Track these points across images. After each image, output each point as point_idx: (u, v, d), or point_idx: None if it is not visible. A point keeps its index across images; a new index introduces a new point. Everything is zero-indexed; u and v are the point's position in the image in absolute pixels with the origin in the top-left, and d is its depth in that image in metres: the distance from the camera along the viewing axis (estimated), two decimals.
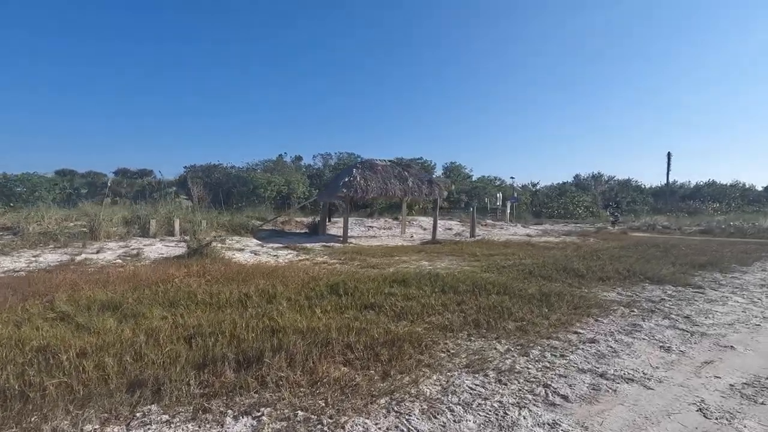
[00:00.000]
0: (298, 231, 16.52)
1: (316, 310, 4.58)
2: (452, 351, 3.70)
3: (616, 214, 25.38)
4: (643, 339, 4.21)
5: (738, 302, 6.01)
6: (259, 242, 12.38)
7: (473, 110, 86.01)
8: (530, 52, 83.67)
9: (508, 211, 27.45)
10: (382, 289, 5.77)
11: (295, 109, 79.80)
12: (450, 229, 19.36)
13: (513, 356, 3.62)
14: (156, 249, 9.55)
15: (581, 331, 4.39)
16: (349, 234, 16.54)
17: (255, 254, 9.95)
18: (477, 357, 3.57)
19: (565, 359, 3.58)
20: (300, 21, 76.03)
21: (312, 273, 7.11)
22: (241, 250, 10.40)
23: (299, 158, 49.48)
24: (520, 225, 25.64)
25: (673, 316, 5.11)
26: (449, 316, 4.75)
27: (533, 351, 3.75)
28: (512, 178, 38.77)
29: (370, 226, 19.32)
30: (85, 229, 10.12)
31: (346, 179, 13.64)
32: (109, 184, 17.57)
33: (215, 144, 73.57)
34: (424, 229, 19.21)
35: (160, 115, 72.32)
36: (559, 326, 4.51)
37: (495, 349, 3.80)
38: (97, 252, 8.92)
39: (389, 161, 15.05)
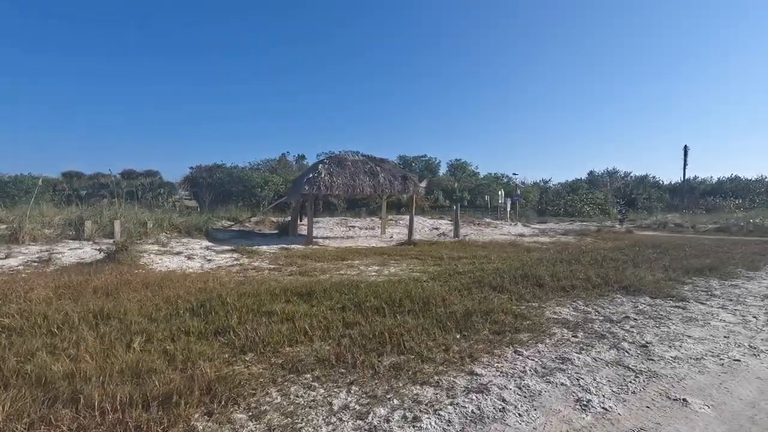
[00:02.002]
0: (269, 231, 15.53)
1: (137, 340, 3.49)
2: (261, 409, 2.57)
3: (623, 211, 23.63)
4: (561, 385, 2.99)
5: (724, 322, 4.69)
6: (211, 244, 11.40)
7: (484, 108, 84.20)
8: (537, 51, 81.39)
9: (509, 209, 25.93)
10: (269, 305, 4.67)
11: (309, 110, 79.69)
12: (437, 228, 18.09)
13: (340, 419, 2.46)
14: (78, 253, 8.65)
15: (480, 371, 3.19)
16: (325, 235, 15.51)
17: (189, 258, 8.96)
18: (284, 421, 2.42)
19: (416, 425, 2.41)
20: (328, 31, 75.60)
21: (214, 283, 6.05)
22: (178, 253, 9.42)
23: (302, 157, 48.75)
24: (520, 224, 24.16)
25: (624, 344, 3.85)
26: (318, 345, 3.61)
27: (380, 409, 2.58)
28: (515, 174, 37.10)
29: (352, 226, 18.21)
30: (9, 231, 9.32)
31: (310, 176, 12.56)
32: (39, 184, 16.64)
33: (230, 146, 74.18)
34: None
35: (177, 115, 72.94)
36: (454, 363, 3.32)
37: (328, 404, 2.64)
38: (5, 257, 8.06)
39: (362, 156, 13.91)
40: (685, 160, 39.39)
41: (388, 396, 2.76)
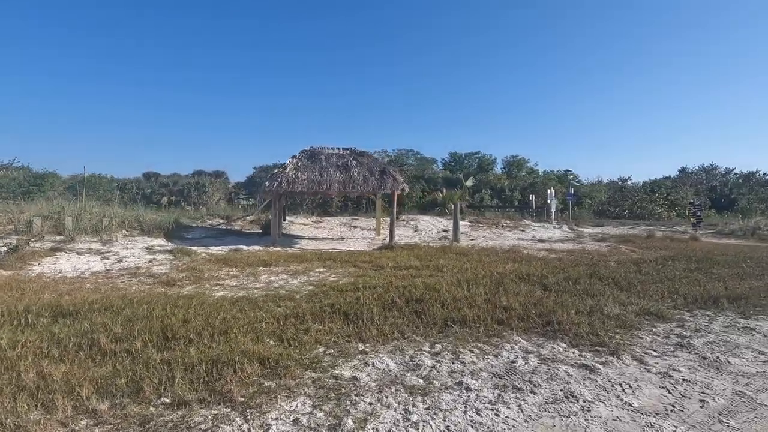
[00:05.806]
0: (255, 231, 14.82)
1: None
2: None
3: (697, 214, 19.30)
4: None
5: (626, 410, 2.61)
6: (164, 243, 10.75)
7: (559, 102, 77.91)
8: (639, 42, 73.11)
9: (554, 210, 22.71)
10: None
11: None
12: (447, 230, 16.05)
13: None
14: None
15: None
16: (315, 235, 14.45)
17: (103, 259, 8.34)
18: None
19: None
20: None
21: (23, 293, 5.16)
22: (102, 253, 8.83)
23: None
24: (566, 227, 20.96)
25: None
26: None
27: None
28: (568, 170, 33.06)
29: (354, 227, 16.87)
30: None
31: (276, 171, 11.49)
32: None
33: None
34: (416, 231, 16.18)
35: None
36: None
37: None
38: None
39: (342, 149, 12.50)
40: None
41: None
